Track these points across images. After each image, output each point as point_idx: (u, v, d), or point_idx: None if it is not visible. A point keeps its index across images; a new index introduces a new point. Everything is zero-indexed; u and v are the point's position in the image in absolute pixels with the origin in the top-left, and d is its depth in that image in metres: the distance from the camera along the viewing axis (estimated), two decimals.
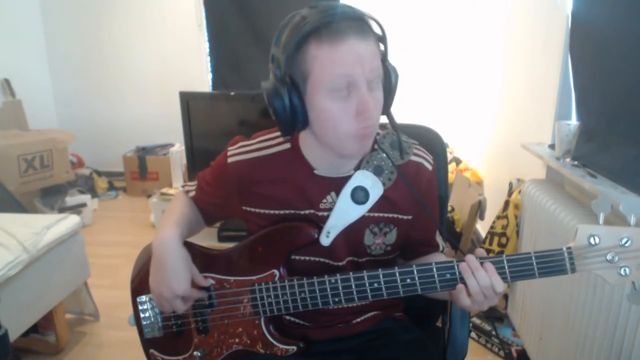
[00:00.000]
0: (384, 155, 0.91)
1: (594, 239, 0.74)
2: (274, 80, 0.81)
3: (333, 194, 0.91)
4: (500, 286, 0.77)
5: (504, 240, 1.92)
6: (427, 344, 1.00)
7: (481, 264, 0.78)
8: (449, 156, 3.25)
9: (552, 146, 1.76)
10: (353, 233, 0.92)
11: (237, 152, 0.96)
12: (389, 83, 0.83)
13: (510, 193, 2.02)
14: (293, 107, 0.79)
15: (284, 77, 0.79)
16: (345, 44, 0.74)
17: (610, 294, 1.19)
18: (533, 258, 0.77)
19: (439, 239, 1.04)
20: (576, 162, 1.56)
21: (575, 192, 1.60)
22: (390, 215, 0.94)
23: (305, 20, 0.76)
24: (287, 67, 0.78)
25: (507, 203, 1.95)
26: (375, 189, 0.89)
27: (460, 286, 0.79)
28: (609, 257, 0.74)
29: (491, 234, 1.99)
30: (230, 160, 0.96)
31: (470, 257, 0.79)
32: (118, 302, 2.30)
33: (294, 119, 0.81)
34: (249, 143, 0.97)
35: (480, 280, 0.77)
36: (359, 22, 0.77)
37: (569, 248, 0.76)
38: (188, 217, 1.02)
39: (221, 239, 2.58)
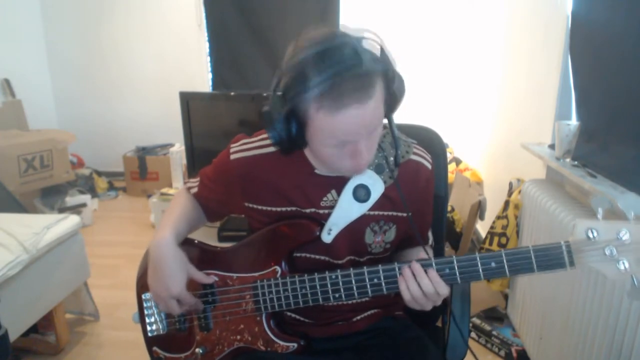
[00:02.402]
0: (385, 153, 0.91)
1: (592, 233, 0.74)
2: (273, 109, 0.79)
3: (334, 192, 0.93)
4: (444, 290, 0.81)
5: (504, 240, 1.92)
6: (426, 343, 1.00)
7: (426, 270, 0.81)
8: (449, 156, 3.25)
9: (552, 146, 1.76)
10: (354, 232, 0.93)
11: (240, 149, 0.97)
12: (392, 91, 0.81)
13: (510, 193, 2.02)
14: (290, 139, 0.81)
15: (282, 112, 0.78)
16: (345, 114, 0.73)
17: (611, 294, 1.19)
18: (532, 252, 0.78)
19: (429, 234, 1.07)
20: (576, 162, 1.57)
21: (575, 192, 1.60)
22: (390, 213, 0.95)
23: (308, 78, 0.72)
24: (287, 110, 0.77)
25: (507, 203, 1.95)
26: (377, 187, 0.91)
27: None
28: (607, 251, 0.74)
29: (491, 234, 1.99)
30: (232, 157, 0.97)
31: (413, 264, 0.82)
32: (118, 302, 2.30)
33: (289, 147, 0.83)
34: (252, 140, 0.98)
35: (423, 288, 0.81)
36: (363, 87, 0.73)
37: (567, 242, 0.76)
38: (188, 215, 1.03)
39: (221, 238, 2.58)
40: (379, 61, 0.77)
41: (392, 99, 0.82)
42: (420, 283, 0.81)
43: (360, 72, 0.72)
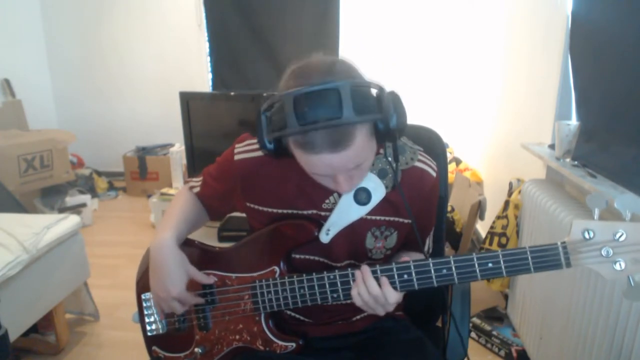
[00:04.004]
0: (389, 159, 0.91)
1: (589, 234, 0.74)
2: (262, 126, 0.79)
3: (336, 194, 0.92)
4: (393, 297, 0.81)
5: (504, 240, 1.92)
6: (426, 343, 1.00)
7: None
8: (449, 156, 3.25)
9: (552, 146, 1.76)
10: (354, 236, 0.93)
11: (244, 149, 0.97)
12: (388, 127, 0.77)
13: (510, 193, 2.02)
14: (278, 152, 0.82)
15: (269, 134, 0.78)
16: (317, 158, 0.74)
17: (610, 294, 1.19)
18: (528, 253, 0.78)
19: (428, 240, 1.06)
20: (576, 162, 1.57)
21: (575, 192, 1.60)
22: (392, 218, 0.94)
23: (288, 117, 0.71)
24: (272, 135, 0.78)
25: (507, 203, 1.95)
26: (378, 191, 0.90)
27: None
28: (603, 251, 0.74)
29: (491, 234, 1.99)
30: (236, 157, 0.97)
31: (364, 268, 0.83)
32: (118, 302, 2.30)
33: (278, 156, 0.84)
34: (256, 141, 0.97)
35: (369, 289, 0.81)
36: (338, 138, 0.72)
37: (563, 242, 0.76)
38: (189, 215, 1.03)
39: (221, 238, 2.58)
40: (364, 114, 0.73)
41: (390, 132, 0.78)
42: (367, 284, 0.81)
43: (337, 123, 0.70)
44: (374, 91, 0.77)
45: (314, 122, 0.70)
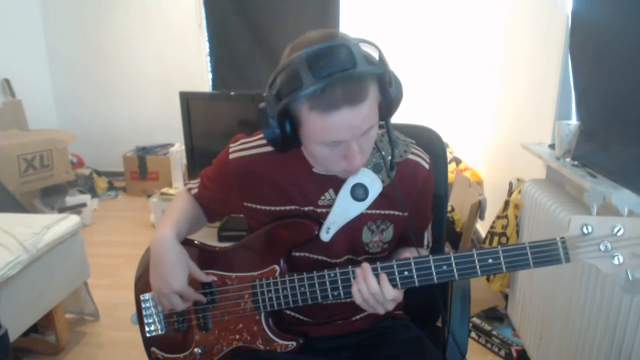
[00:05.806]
0: (382, 153, 0.92)
1: (587, 229, 0.75)
2: (268, 107, 0.79)
3: (331, 190, 0.93)
4: (390, 294, 0.82)
5: (504, 240, 1.92)
6: (426, 343, 1.00)
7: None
8: (449, 156, 3.25)
9: (552, 146, 1.76)
10: (351, 230, 0.94)
11: (239, 148, 0.98)
12: (388, 95, 0.81)
13: (510, 193, 2.02)
14: (284, 137, 0.81)
15: (276, 111, 0.77)
16: (337, 115, 0.74)
17: (610, 294, 1.19)
18: (528, 248, 0.78)
19: (427, 234, 1.06)
20: (576, 162, 1.57)
21: (575, 192, 1.60)
22: (387, 212, 0.95)
23: (300, 79, 0.71)
24: (280, 109, 0.77)
25: (507, 203, 1.95)
26: (374, 186, 0.91)
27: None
28: (602, 246, 0.75)
29: (491, 234, 1.99)
30: (231, 156, 0.97)
31: (364, 265, 0.83)
32: (118, 302, 2.30)
33: (283, 145, 0.83)
34: (250, 140, 0.98)
35: (369, 286, 0.82)
36: (355, 90, 0.74)
37: (562, 238, 0.77)
38: (188, 215, 1.03)
39: (221, 238, 2.59)
40: (374, 65, 0.76)
41: (389, 103, 0.81)
42: (367, 282, 0.82)
43: (353, 74, 0.72)
44: (374, 54, 0.79)
45: (330, 74, 0.71)
